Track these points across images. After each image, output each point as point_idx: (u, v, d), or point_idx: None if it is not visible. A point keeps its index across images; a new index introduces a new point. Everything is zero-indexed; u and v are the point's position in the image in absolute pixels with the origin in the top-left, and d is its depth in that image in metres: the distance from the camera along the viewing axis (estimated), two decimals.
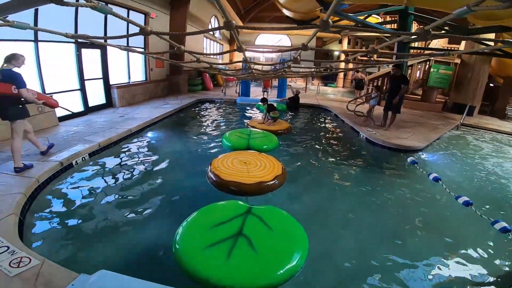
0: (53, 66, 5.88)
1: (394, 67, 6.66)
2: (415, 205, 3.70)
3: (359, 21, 8.65)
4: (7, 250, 2.14)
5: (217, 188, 3.40)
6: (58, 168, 3.77)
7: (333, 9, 1.27)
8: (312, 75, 11.03)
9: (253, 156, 4.15)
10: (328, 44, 24.33)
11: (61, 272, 1.97)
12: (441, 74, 10.63)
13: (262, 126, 6.46)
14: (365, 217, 3.34)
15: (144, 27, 1.45)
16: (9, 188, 3.04)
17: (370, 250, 2.75)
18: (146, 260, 2.46)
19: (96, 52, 7.35)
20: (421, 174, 4.57)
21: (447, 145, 6.55)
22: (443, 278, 2.41)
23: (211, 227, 2.43)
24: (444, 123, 8.44)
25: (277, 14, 18.33)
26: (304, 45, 2.00)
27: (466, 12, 1.12)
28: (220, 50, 19.63)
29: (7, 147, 4.21)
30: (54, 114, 5.70)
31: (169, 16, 10.83)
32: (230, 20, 1.46)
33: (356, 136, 6.82)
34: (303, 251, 2.24)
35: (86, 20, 6.53)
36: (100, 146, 4.74)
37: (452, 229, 3.18)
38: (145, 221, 3.01)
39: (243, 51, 2.24)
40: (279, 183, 3.51)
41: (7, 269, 1.96)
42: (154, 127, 6.73)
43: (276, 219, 2.61)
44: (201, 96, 11.18)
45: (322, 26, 1.40)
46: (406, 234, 3.06)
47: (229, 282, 1.94)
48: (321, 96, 13.61)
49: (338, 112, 9.09)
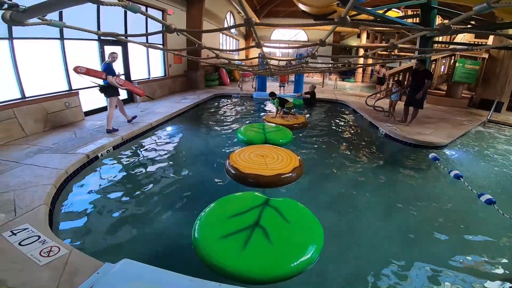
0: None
1: (417, 61, 6.44)
2: (435, 202, 3.60)
3: (378, 15, 8.37)
4: (38, 239, 2.23)
5: (236, 180, 3.49)
6: (85, 160, 3.97)
7: (351, 6, 1.26)
8: (329, 71, 10.85)
9: (269, 149, 4.21)
10: (346, 39, 23.72)
11: (87, 261, 2.04)
12: (468, 69, 10.15)
13: (278, 120, 6.47)
14: (383, 213, 3.29)
15: (169, 25, 1.50)
16: (40, 179, 3.23)
17: (387, 247, 2.71)
18: (167, 250, 2.56)
19: (118, 49, 7.58)
20: (442, 171, 4.43)
21: (472, 142, 6.27)
22: (463, 279, 2.33)
23: (229, 217, 2.50)
24: (469, 119, 8.07)
25: (293, 9, 18.06)
26: (321, 41, 1.98)
27: (486, 8, 1.10)
28: (236, 45, 19.66)
29: (38, 141, 4.49)
30: (80, 109, 5.97)
31: (186, 12, 10.97)
32: (250, 18, 1.48)
33: (375, 132, 6.68)
34: (318, 244, 2.27)
35: (105, 18, 6.73)
36: (123, 139, 4.94)
37: (473, 228, 3.08)
38: (166, 211, 3.13)
39: (261, 47, 2.25)
40: (297, 175, 3.56)
41: (37, 258, 2.03)
42: (173, 121, 6.91)
43: (293, 211, 2.64)
44: (218, 91, 11.29)
45: (340, 22, 1.40)
46: (424, 232, 2.99)
47: (244, 271, 2.00)
48: (339, 91, 13.36)
49: (356, 107, 8.93)
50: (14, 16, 1.26)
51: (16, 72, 4.69)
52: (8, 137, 4.41)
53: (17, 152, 3.98)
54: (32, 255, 2.05)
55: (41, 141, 4.51)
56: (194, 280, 1.84)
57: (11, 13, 1.25)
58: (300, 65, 5.24)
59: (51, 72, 5.56)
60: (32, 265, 1.97)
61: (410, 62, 12.27)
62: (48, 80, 5.44)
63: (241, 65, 9.86)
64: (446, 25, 1.37)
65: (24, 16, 1.27)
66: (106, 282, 1.80)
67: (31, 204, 2.72)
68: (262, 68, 7.96)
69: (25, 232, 2.30)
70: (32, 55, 5.04)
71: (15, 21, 1.26)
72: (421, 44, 8.86)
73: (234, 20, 17.93)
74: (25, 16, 1.26)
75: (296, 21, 3.55)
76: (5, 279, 1.83)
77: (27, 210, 2.61)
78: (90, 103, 6.50)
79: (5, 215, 2.52)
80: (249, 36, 22.26)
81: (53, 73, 5.59)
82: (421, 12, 9.04)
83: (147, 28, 8.59)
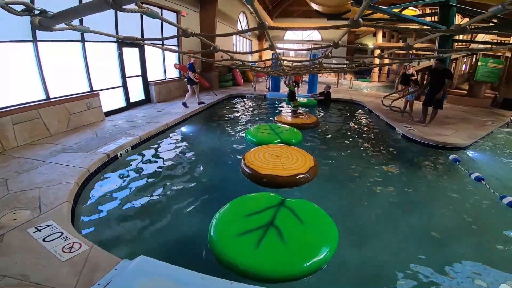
0: (98, 64, 6.36)
1: (437, 60, 6.24)
2: (454, 204, 3.49)
3: (394, 14, 8.18)
4: (61, 235, 2.30)
5: (252, 181, 3.51)
6: (105, 159, 4.11)
7: (364, 8, 1.26)
8: (344, 71, 10.70)
9: (283, 149, 4.22)
10: (361, 38, 23.32)
11: (106, 257, 2.10)
12: (490, 67, 9.76)
13: (289, 120, 6.47)
14: (400, 216, 3.22)
15: (186, 29, 1.54)
16: (64, 177, 3.37)
17: (404, 251, 2.65)
18: (183, 248, 2.61)
19: (135, 50, 7.81)
20: (463, 173, 4.28)
21: (494, 143, 6.02)
22: (483, 285, 2.24)
23: (244, 216, 2.54)
24: (492, 119, 7.73)
25: (306, 9, 17.91)
26: (335, 43, 1.98)
27: (502, 10, 1.10)
28: (249, 45, 19.74)
29: (61, 140, 4.70)
30: (100, 110, 6.20)
31: (199, 13, 11.13)
32: (263, 21, 1.50)
33: (392, 132, 6.53)
34: (331, 245, 2.26)
35: (122, 21, 6.93)
36: (141, 139, 5.08)
37: (495, 231, 2.97)
38: (183, 210, 3.19)
39: (274, 49, 2.26)
40: (313, 175, 3.56)
41: (60, 254, 2.09)
42: (189, 121, 7.05)
43: (308, 212, 2.65)
44: (232, 91, 11.39)
45: (352, 25, 1.39)
46: (443, 235, 2.90)
47: (257, 269, 2.03)
48: (354, 91, 13.15)
49: (372, 107, 8.76)
50: (43, 22, 1.33)
51: (41, 74, 4.92)
52: (33, 137, 4.64)
53: (42, 151, 4.18)
54: (55, 251, 2.13)
55: (64, 140, 4.72)
56: (206, 278, 1.88)
57: (40, 19, 1.33)
58: (314, 65, 5.21)
59: (73, 74, 5.79)
60: (54, 261, 2.04)
61: (429, 62, 11.89)
62: (70, 81, 5.67)
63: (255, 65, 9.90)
64: (462, 26, 1.34)
65: (52, 22, 1.34)
66: (123, 278, 1.86)
67: (55, 201, 2.84)
68: (275, 68, 7.97)
69: (49, 229, 2.39)
70: (55, 57, 5.25)
71: (44, 26, 1.34)
72: (440, 43, 8.61)
73: (247, 20, 18.00)
74: (53, 22, 1.34)
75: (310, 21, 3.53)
76: (28, 274, 1.90)
77: (51, 207, 2.73)
78: (110, 104, 6.73)
79: (30, 211, 2.65)
80: (262, 36, 22.26)
81: (75, 75, 5.82)
82: (440, 10, 8.78)
83: (162, 29, 8.80)
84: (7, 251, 2.12)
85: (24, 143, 4.46)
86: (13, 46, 4.47)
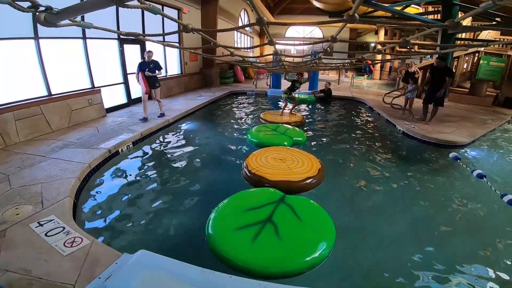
0: (99, 61, 6.35)
1: (437, 58, 6.23)
2: (456, 202, 3.50)
3: (395, 12, 8.15)
4: (63, 230, 2.32)
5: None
6: (106, 155, 4.14)
7: (359, 3, 1.27)
8: (345, 68, 10.67)
9: (285, 151, 4.08)
10: (363, 36, 23.18)
11: (107, 252, 2.12)
12: (492, 66, 9.73)
13: (275, 118, 6.46)
14: (400, 214, 3.23)
15: (186, 25, 1.56)
16: (65, 173, 3.39)
17: (403, 249, 2.65)
18: (182, 242, 2.63)
19: (136, 47, 7.80)
20: (464, 170, 4.28)
21: (495, 142, 6.01)
22: (482, 284, 2.24)
23: (242, 211, 2.55)
24: (494, 118, 7.71)
25: (307, 6, 17.82)
26: (333, 38, 1.98)
27: (492, 6, 1.12)
28: (250, 42, 19.68)
29: (63, 136, 4.73)
30: (102, 106, 6.21)
31: (200, 10, 11.10)
32: (262, 17, 1.51)
33: (392, 130, 6.53)
34: (328, 243, 2.27)
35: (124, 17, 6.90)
36: (142, 135, 5.11)
37: (496, 229, 2.98)
38: (183, 205, 3.22)
39: (273, 44, 2.26)
40: (321, 176, 3.46)
41: (61, 248, 2.11)
42: (189, 118, 7.07)
43: (307, 210, 2.65)
44: (233, 88, 11.39)
45: (348, 20, 1.40)
46: (444, 233, 2.91)
47: (252, 264, 2.05)
48: (355, 88, 13.12)
49: (373, 105, 8.75)
50: (48, 18, 1.35)
51: (43, 71, 4.93)
52: (35, 133, 4.67)
53: (44, 147, 4.21)
54: (57, 245, 2.15)
55: (66, 136, 4.74)
56: (205, 271, 1.90)
57: (45, 15, 1.35)
58: (314, 61, 5.20)
59: (75, 70, 5.79)
60: (56, 255, 2.06)
61: (431, 59, 11.86)
62: (72, 78, 5.67)
63: (256, 62, 9.88)
64: (455, 22, 1.37)
65: (57, 18, 1.36)
66: (124, 272, 1.88)
67: (57, 196, 2.87)
68: (276, 65, 7.96)
69: (51, 223, 2.41)
70: (57, 54, 5.25)
71: (49, 22, 1.36)
72: (442, 41, 8.58)
73: (248, 17, 17.93)
74: (58, 18, 1.35)
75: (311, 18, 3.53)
76: (30, 269, 1.92)
77: (53, 202, 2.75)
78: (111, 100, 6.75)
79: (32, 206, 2.67)
80: (263, 33, 22.19)
81: (77, 71, 5.82)
82: (442, 8, 8.74)
83: (163, 26, 8.79)
84: (10, 245, 2.15)
85: (26, 139, 4.48)
86: (15, 43, 4.47)
